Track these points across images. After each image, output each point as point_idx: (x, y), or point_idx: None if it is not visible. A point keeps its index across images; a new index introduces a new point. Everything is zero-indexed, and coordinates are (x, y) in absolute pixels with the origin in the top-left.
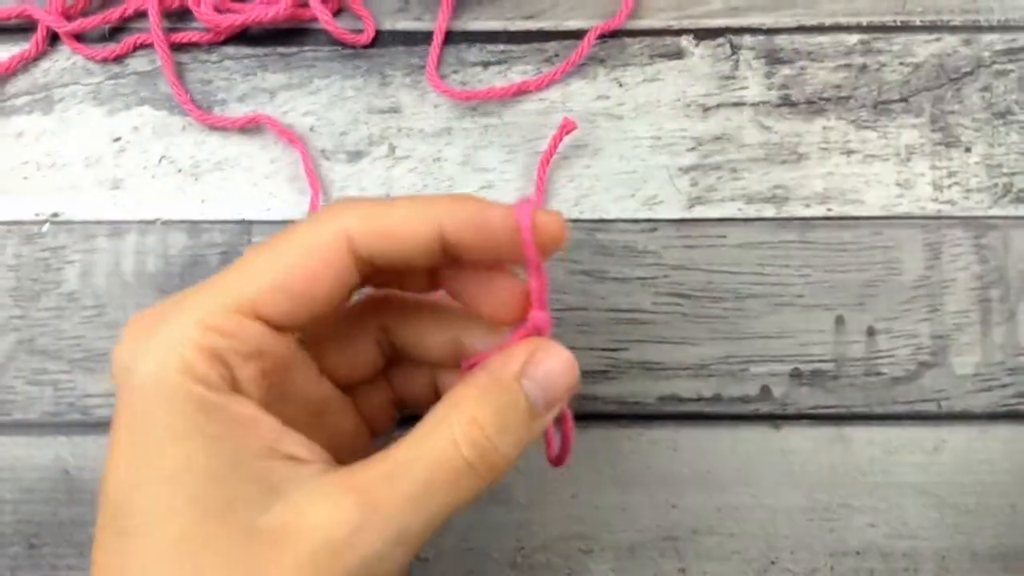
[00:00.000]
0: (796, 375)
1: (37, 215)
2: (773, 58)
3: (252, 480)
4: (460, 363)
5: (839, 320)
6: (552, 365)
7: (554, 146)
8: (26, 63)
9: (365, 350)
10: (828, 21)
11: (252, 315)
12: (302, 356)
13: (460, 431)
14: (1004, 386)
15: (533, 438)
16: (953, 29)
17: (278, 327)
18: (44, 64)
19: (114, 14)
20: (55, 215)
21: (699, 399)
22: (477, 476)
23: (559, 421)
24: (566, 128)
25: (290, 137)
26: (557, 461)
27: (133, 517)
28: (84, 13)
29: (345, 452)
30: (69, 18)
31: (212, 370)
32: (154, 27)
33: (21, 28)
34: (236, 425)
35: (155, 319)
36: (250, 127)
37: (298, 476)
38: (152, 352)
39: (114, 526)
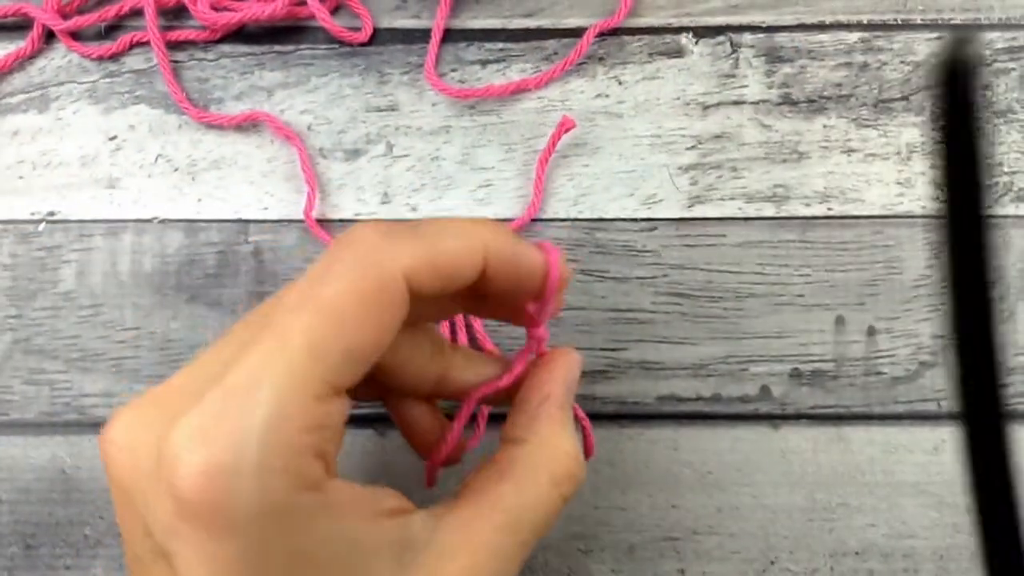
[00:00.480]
0: (796, 375)
1: (33, 214)
2: (773, 56)
3: (378, 552)
4: (418, 392)
5: (839, 320)
6: (577, 374)
7: (553, 145)
8: (22, 61)
9: None
10: (829, 19)
11: (333, 394)
12: None
13: (559, 469)
14: (1004, 386)
15: None
16: (954, 27)
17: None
18: (40, 62)
19: (110, 12)
20: (51, 214)
21: (698, 399)
22: (564, 505)
23: (576, 420)
24: (565, 126)
25: (287, 134)
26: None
27: None
28: (80, 11)
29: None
30: (65, 16)
31: (318, 469)
32: (150, 25)
33: (17, 26)
34: (349, 510)
35: (215, 440)
36: (247, 125)
37: (412, 533)
38: (252, 481)
39: None
